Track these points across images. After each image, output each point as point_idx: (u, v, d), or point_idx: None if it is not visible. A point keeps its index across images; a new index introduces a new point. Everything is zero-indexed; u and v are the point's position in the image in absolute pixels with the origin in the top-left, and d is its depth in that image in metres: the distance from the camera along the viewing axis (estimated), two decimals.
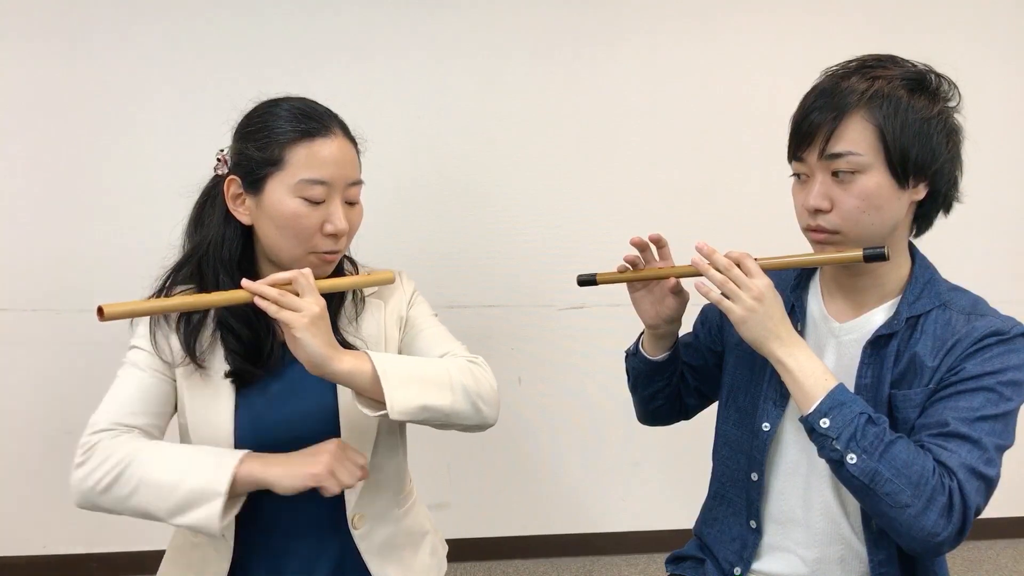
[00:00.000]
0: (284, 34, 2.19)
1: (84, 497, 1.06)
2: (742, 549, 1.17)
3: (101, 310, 0.91)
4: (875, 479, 0.93)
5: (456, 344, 1.22)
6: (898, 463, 0.93)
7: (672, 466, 2.39)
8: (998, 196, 2.39)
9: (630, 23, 2.28)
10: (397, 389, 1.03)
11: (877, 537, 1.07)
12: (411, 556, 1.23)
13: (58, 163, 2.17)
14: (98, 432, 1.06)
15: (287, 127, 1.08)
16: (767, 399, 1.15)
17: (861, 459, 0.94)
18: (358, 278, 1.15)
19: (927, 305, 1.05)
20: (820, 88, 1.04)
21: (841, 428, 0.95)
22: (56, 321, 2.20)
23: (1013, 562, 2.41)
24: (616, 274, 1.16)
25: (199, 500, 1.00)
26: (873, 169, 0.99)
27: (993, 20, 2.36)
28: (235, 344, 1.11)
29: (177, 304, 1.00)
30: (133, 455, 1.03)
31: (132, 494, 1.02)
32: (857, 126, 0.99)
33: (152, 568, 1.23)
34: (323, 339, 0.99)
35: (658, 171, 2.32)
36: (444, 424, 1.11)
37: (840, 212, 1.01)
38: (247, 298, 0.99)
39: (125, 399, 1.09)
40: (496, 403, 1.15)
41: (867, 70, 1.01)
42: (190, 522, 1.01)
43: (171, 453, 1.04)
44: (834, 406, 0.97)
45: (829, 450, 0.97)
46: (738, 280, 1.02)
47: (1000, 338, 1.00)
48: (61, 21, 2.14)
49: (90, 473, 1.04)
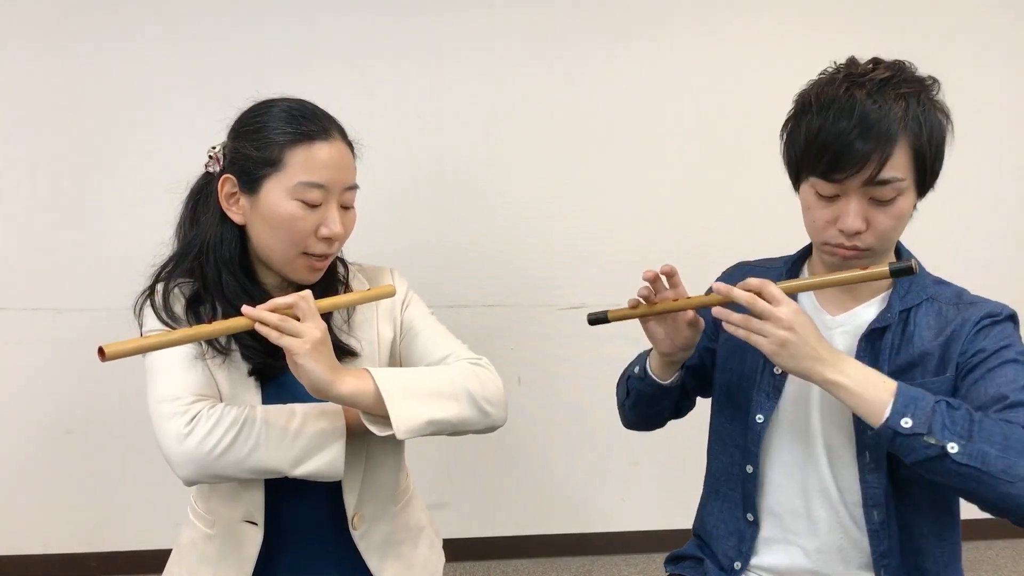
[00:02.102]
0: (284, 34, 2.19)
1: (200, 466, 1.01)
2: (740, 543, 1.17)
3: (102, 351, 0.90)
4: (986, 459, 0.90)
5: (457, 344, 1.21)
6: (998, 437, 0.91)
7: (671, 466, 2.39)
8: (998, 196, 2.39)
9: (630, 25, 2.28)
10: (401, 407, 1.03)
11: (879, 528, 1.07)
12: (410, 551, 1.24)
13: (58, 163, 2.17)
14: (190, 403, 1.03)
15: (287, 128, 1.07)
16: (760, 390, 1.14)
17: (963, 445, 0.90)
18: (358, 295, 1.13)
19: (916, 299, 1.07)
20: (858, 111, 0.98)
21: (928, 421, 0.91)
22: (56, 321, 2.20)
23: (1013, 562, 2.41)
24: (628, 310, 1.12)
25: (321, 444, 1.03)
26: (909, 189, 1.01)
27: (993, 20, 2.36)
28: (248, 340, 1.11)
29: (179, 338, 0.98)
30: (245, 413, 1.04)
31: (252, 452, 1.02)
32: (902, 152, 0.99)
33: (152, 567, 1.23)
34: (325, 364, 0.99)
35: (659, 171, 2.31)
36: (453, 433, 1.11)
37: (875, 232, 1.02)
38: (248, 325, 0.99)
39: (183, 376, 1.06)
40: (503, 403, 1.15)
41: (895, 86, 1.00)
42: (315, 468, 1.04)
43: (276, 409, 1.05)
44: (908, 403, 0.93)
45: (923, 448, 0.91)
46: (764, 312, 0.97)
47: (994, 319, 1.04)
48: (60, 22, 2.14)
49: (204, 439, 1.01)
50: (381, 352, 1.20)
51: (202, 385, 1.08)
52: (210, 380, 1.09)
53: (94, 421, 2.24)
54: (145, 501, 2.25)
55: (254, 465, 1.03)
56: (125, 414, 2.21)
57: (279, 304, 1.00)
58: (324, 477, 1.05)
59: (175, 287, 1.13)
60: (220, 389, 1.10)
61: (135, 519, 2.26)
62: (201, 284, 1.12)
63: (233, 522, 1.13)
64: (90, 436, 2.24)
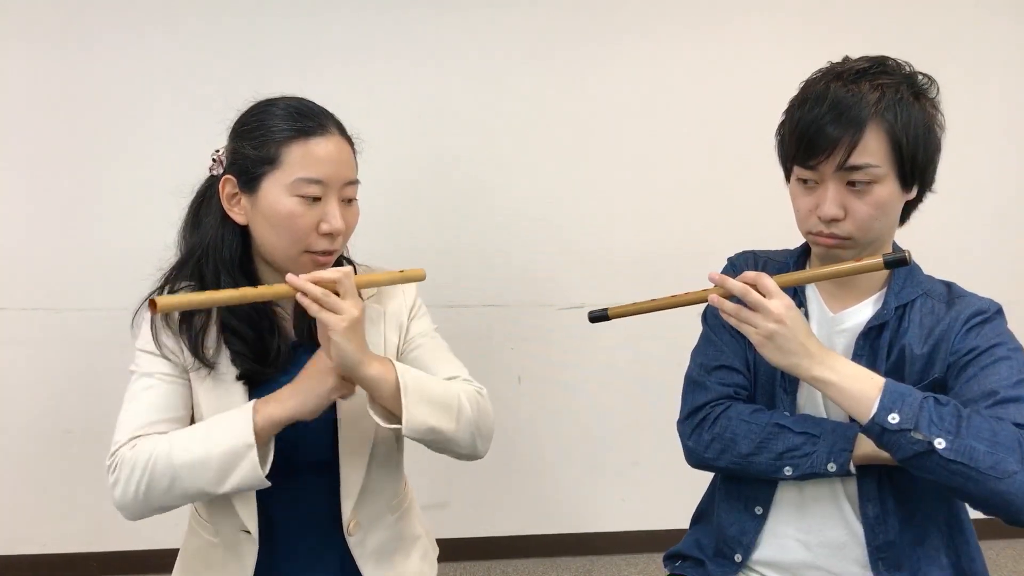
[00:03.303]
0: (284, 34, 2.19)
1: (131, 510, 1.06)
2: (742, 535, 1.18)
3: (154, 303, 0.93)
4: (973, 455, 0.90)
5: (460, 365, 1.22)
6: (986, 433, 0.91)
7: (671, 466, 2.37)
8: (999, 196, 2.39)
9: (631, 25, 2.28)
10: (416, 405, 1.04)
11: (874, 523, 1.07)
12: (402, 561, 1.23)
13: (58, 163, 2.17)
14: (119, 449, 1.06)
15: (283, 126, 1.07)
16: (779, 386, 1.15)
17: (951, 441, 0.90)
18: (392, 275, 1.14)
19: (911, 294, 1.08)
20: (830, 98, 1.01)
21: (915, 416, 0.91)
22: (56, 321, 2.20)
23: (1013, 562, 2.41)
24: (629, 306, 1.13)
25: (236, 460, 1.01)
26: (887, 178, 1.01)
27: (996, 19, 2.36)
28: (239, 345, 1.11)
29: (225, 298, 0.99)
30: (154, 451, 1.03)
31: (172, 485, 1.02)
32: (874, 138, 1.00)
33: (152, 567, 1.23)
34: (357, 343, 1.01)
35: (659, 170, 2.31)
36: (440, 448, 1.12)
37: (854, 220, 1.03)
38: (290, 293, 1.00)
39: (141, 410, 1.09)
40: (490, 438, 1.16)
41: (872, 77, 1.01)
42: (237, 482, 1.02)
43: (188, 434, 1.05)
44: (896, 399, 0.93)
45: (910, 443, 0.91)
46: (756, 304, 0.98)
47: (984, 316, 1.05)
48: (61, 22, 2.14)
49: (124, 487, 1.04)
50: (390, 354, 1.19)
51: (159, 408, 1.09)
52: (175, 400, 1.10)
53: (94, 421, 2.23)
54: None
55: (181, 495, 1.04)
56: None
57: (322, 278, 1.00)
58: (250, 487, 1.04)
59: (178, 292, 1.13)
60: (199, 402, 1.10)
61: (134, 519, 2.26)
62: (200, 287, 1.12)
63: (234, 530, 1.14)
64: (90, 436, 2.24)
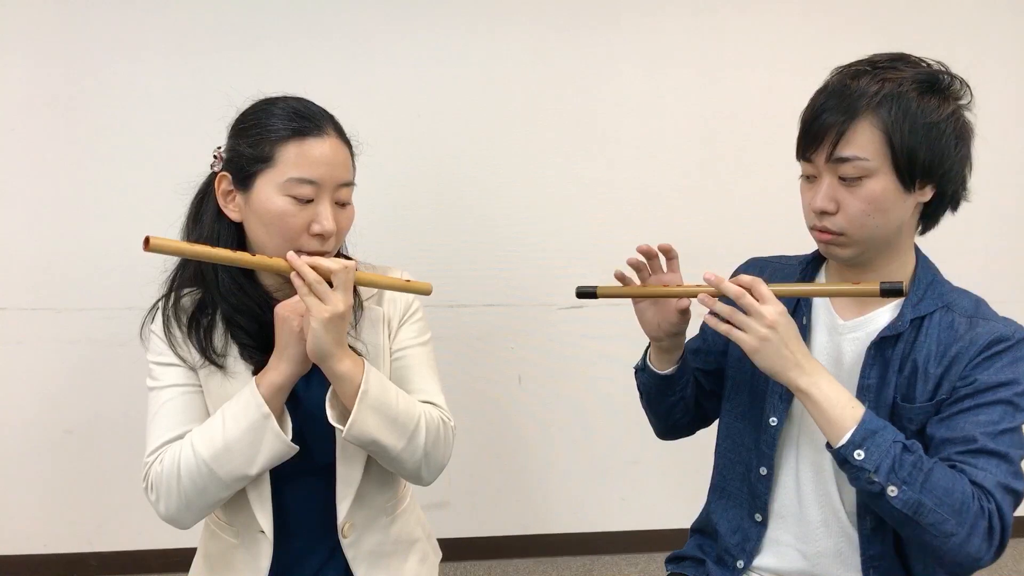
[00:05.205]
0: (284, 34, 2.19)
1: (181, 519, 1.09)
2: (744, 542, 1.17)
3: (148, 240, 0.93)
4: (919, 510, 0.91)
5: (438, 393, 1.22)
6: (939, 491, 0.92)
7: (672, 465, 2.39)
8: (999, 196, 2.39)
9: (631, 25, 2.27)
10: (367, 413, 1.04)
11: (871, 533, 1.07)
12: (399, 564, 1.23)
13: (58, 162, 2.17)
14: (149, 468, 1.09)
15: (280, 125, 1.07)
16: (773, 393, 1.14)
17: (903, 491, 0.92)
18: (396, 281, 1.13)
19: (931, 306, 1.05)
20: (830, 89, 1.02)
21: (879, 460, 0.93)
22: (56, 320, 2.20)
23: (1013, 562, 2.41)
24: (618, 288, 1.13)
25: (259, 434, 1.03)
26: (879, 173, 0.98)
27: (996, 18, 2.36)
28: (246, 338, 1.12)
29: (222, 256, 1.01)
30: (179, 456, 1.05)
31: (208, 480, 1.04)
32: (866, 131, 0.98)
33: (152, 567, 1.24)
34: (334, 337, 1.01)
35: (659, 170, 2.31)
36: (384, 463, 1.12)
37: (846, 215, 1.01)
38: (285, 270, 1.01)
39: (163, 424, 1.11)
40: (440, 470, 1.17)
41: (879, 71, 1.00)
42: (268, 455, 1.05)
43: (205, 429, 1.06)
44: (867, 436, 0.94)
45: (866, 482, 0.94)
46: (750, 308, 0.98)
47: (1006, 344, 1.00)
48: (61, 21, 2.13)
49: (166, 499, 1.07)
50: (384, 358, 1.20)
51: (181, 420, 1.10)
52: (195, 411, 1.12)
53: (94, 421, 2.23)
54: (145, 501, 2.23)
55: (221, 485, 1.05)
56: (125, 414, 2.20)
57: (322, 265, 1.02)
58: (282, 457, 1.06)
59: (182, 298, 1.15)
60: (216, 403, 1.11)
61: (135, 519, 2.26)
62: (202, 287, 1.13)
63: (251, 531, 1.14)
64: (90, 436, 2.24)
